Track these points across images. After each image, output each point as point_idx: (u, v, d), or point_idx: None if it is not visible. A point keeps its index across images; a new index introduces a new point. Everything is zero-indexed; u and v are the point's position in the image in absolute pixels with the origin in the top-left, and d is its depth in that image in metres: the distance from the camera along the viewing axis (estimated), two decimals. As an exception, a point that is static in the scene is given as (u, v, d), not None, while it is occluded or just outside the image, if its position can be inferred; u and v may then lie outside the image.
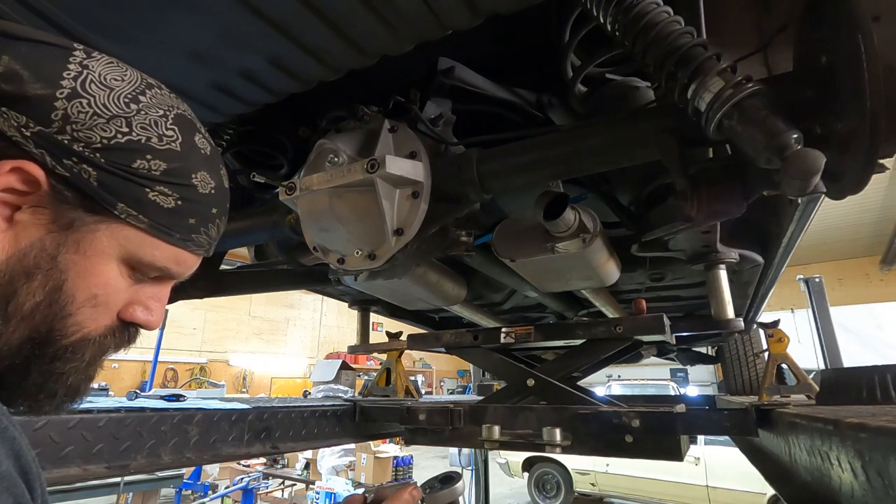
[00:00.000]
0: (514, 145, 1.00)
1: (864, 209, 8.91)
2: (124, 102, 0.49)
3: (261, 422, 1.38)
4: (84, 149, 0.47)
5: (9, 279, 0.45)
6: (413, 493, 0.71)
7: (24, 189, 0.46)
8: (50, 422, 0.92)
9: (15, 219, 0.47)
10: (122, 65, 0.52)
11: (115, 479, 4.17)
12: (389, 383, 2.20)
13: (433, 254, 1.09)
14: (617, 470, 7.01)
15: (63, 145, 0.46)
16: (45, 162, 0.46)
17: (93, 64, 0.49)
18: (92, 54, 0.50)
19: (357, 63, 0.93)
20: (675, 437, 1.16)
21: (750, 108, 0.66)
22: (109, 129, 0.48)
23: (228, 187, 0.60)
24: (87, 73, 0.48)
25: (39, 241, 0.47)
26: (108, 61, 0.51)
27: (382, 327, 7.72)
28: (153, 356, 7.37)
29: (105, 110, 0.48)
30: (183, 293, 1.63)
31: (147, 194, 0.50)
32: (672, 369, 12.18)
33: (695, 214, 0.85)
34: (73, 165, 0.47)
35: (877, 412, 0.72)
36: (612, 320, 1.36)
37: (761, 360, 3.01)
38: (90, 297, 0.49)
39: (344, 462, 6.57)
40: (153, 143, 0.50)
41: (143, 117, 0.50)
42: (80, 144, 0.47)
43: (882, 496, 0.49)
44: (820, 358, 5.10)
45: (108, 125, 0.48)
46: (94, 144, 0.47)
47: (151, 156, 0.50)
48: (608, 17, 0.80)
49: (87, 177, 0.47)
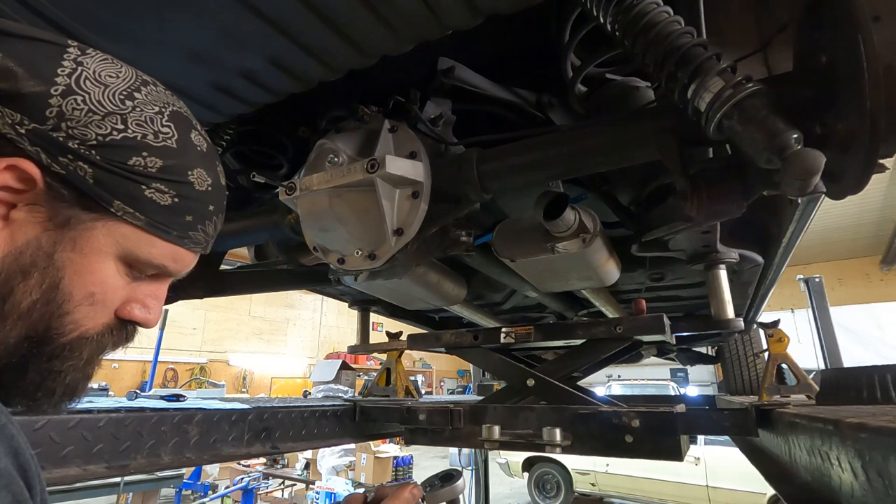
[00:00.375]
0: (514, 145, 0.99)
1: (864, 209, 8.91)
2: (119, 99, 0.49)
3: (261, 422, 1.38)
4: (80, 146, 0.47)
5: (5, 278, 0.45)
6: (413, 491, 0.71)
7: (19, 187, 0.46)
8: (50, 422, 0.92)
9: (11, 217, 0.46)
10: (116, 61, 0.52)
11: (115, 479, 4.17)
12: (389, 383, 2.20)
13: (433, 254, 1.09)
14: (617, 470, 7.01)
15: (59, 143, 0.46)
16: (40, 160, 0.46)
17: (87, 60, 0.49)
18: (86, 51, 0.50)
19: (357, 63, 0.93)
20: (675, 437, 1.16)
21: (750, 107, 0.66)
22: (105, 126, 0.47)
23: (225, 184, 0.60)
24: (82, 70, 0.48)
25: (36, 239, 0.47)
26: (102, 58, 0.50)
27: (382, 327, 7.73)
28: (153, 356, 7.37)
29: (100, 107, 0.48)
30: (183, 293, 1.63)
31: (143, 192, 0.50)
32: (672, 369, 12.18)
33: (695, 214, 0.85)
34: (68, 163, 0.47)
35: (877, 412, 0.72)
36: (612, 320, 1.36)
37: (761, 360, 3.01)
38: (87, 295, 0.49)
39: (344, 462, 6.57)
40: (149, 140, 0.50)
41: (139, 114, 0.50)
42: (75, 142, 0.46)
43: (882, 496, 0.49)
44: (820, 358, 5.10)
45: (104, 122, 0.47)
46: (90, 142, 0.47)
47: (147, 153, 0.49)
48: (608, 17, 0.80)
49: (84, 174, 0.47)
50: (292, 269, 1.61)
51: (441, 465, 9.89)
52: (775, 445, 1.16)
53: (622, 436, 1.18)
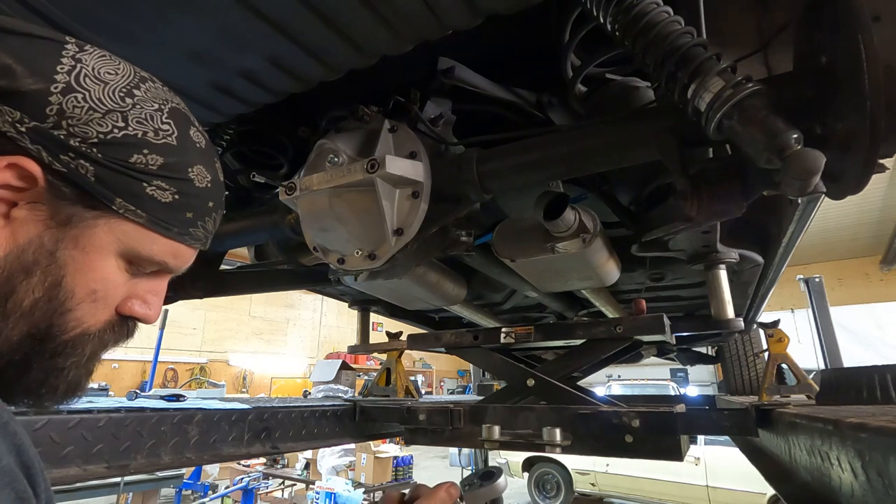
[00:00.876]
0: (514, 145, 0.99)
1: (864, 209, 8.91)
2: (119, 97, 0.49)
3: (261, 422, 1.38)
4: (81, 144, 0.47)
5: (7, 276, 0.45)
6: (451, 490, 0.68)
7: (20, 185, 0.46)
8: (50, 422, 0.92)
9: (12, 215, 0.46)
10: (114, 58, 0.52)
11: (115, 479, 4.18)
12: (389, 383, 2.20)
13: (433, 254, 1.09)
14: (617, 470, 7.01)
15: (59, 140, 0.46)
16: (41, 158, 0.46)
17: (86, 57, 0.49)
18: (84, 47, 0.50)
19: (357, 63, 0.93)
20: (675, 437, 1.16)
21: (750, 107, 0.66)
22: (106, 124, 0.47)
23: (223, 181, 0.60)
24: (81, 67, 0.48)
25: (38, 237, 0.46)
26: (100, 54, 0.50)
27: (382, 327, 7.73)
28: (153, 356, 7.36)
29: (101, 105, 0.47)
30: (183, 293, 1.63)
31: (145, 189, 0.50)
32: (672, 369, 12.18)
33: (695, 214, 0.85)
34: (70, 161, 0.46)
35: (877, 412, 0.72)
36: (612, 320, 1.36)
37: (761, 360, 3.02)
38: (90, 293, 0.49)
39: (344, 462, 6.57)
40: (150, 138, 0.50)
41: (139, 111, 0.50)
42: (76, 140, 0.46)
43: (882, 496, 0.49)
44: (820, 358, 5.10)
45: (105, 120, 0.47)
46: (91, 139, 0.47)
47: (148, 150, 0.49)
48: (608, 17, 0.80)
49: (85, 172, 0.47)
50: (292, 269, 1.61)
51: (441, 465, 9.87)
52: (775, 445, 1.16)
53: (622, 436, 1.18)
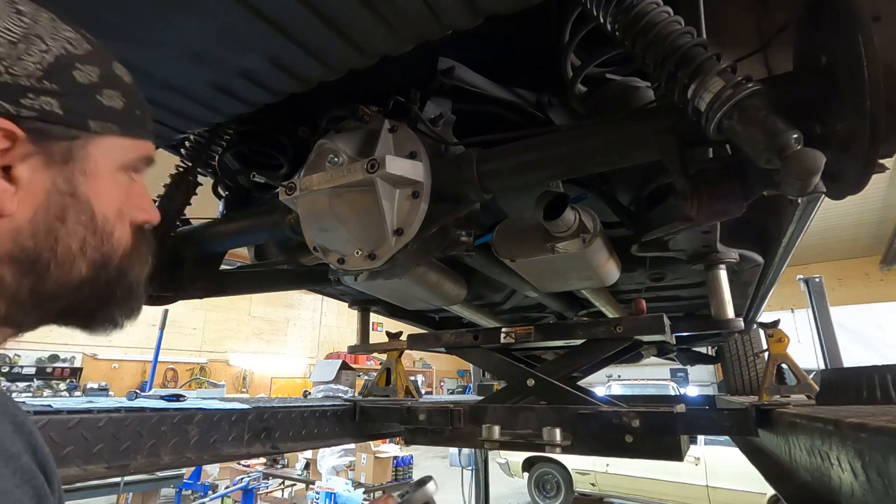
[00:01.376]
0: (514, 145, 0.99)
1: (864, 209, 8.91)
2: (17, 18, 0.44)
3: (261, 422, 1.38)
4: (29, 80, 0.44)
5: (46, 231, 0.46)
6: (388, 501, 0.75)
7: (5, 145, 0.44)
8: (50, 422, 0.92)
9: (16, 176, 0.45)
10: None
11: (115, 479, 4.18)
12: (389, 383, 2.20)
13: (433, 254, 1.09)
14: (617, 470, 7.01)
15: (10, 85, 0.43)
16: (8, 112, 0.43)
17: None
18: None
19: (357, 63, 0.93)
20: (675, 437, 1.16)
21: (750, 107, 0.66)
22: (33, 52, 0.44)
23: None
24: None
25: (52, 184, 0.46)
26: None
27: (382, 327, 7.72)
28: (153, 356, 7.36)
29: (10, 33, 0.43)
30: (183, 293, 1.62)
31: (102, 102, 0.49)
32: (672, 369, 12.18)
33: (695, 214, 0.85)
34: (33, 102, 0.44)
35: (877, 412, 0.72)
36: (612, 320, 1.36)
37: (761, 360, 3.02)
38: (117, 213, 0.52)
39: (344, 462, 6.57)
40: (71, 50, 0.47)
41: (42, 27, 0.46)
42: (23, 79, 0.44)
43: (882, 496, 0.49)
44: (820, 358, 5.10)
45: (30, 49, 0.44)
46: (35, 74, 0.44)
47: (80, 63, 0.48)
48: (608, 17, 0.80)
49: (51, 108, 0.45)
50: (292, 269, 1.61)
51: (441, 465, 9.89)
52: (775, 445, 1.16)
53: (622, 436, 1.18)
